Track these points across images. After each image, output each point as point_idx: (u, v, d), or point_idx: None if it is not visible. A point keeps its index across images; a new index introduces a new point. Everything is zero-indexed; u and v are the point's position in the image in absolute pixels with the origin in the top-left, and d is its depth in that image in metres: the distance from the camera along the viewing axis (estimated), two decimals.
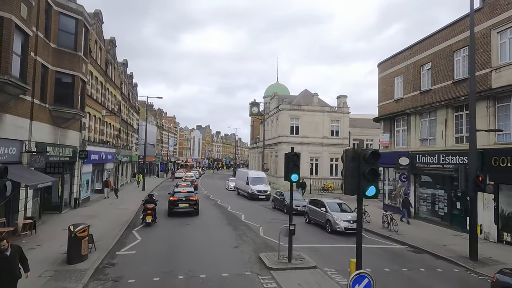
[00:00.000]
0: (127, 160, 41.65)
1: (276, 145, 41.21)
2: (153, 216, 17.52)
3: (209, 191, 37.36)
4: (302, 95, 44.60)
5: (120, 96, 36.30)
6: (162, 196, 30.12)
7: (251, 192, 28.26)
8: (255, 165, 57.85)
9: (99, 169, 30.51)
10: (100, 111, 27.70)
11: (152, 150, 66.31)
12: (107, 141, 30.81)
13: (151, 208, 17.58)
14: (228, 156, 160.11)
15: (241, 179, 31.68)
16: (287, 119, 40.44)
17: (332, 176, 41.14)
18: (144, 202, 18.61)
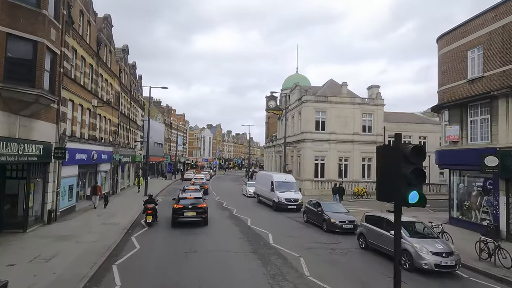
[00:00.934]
0: (129, 161, 36.68)
1: (299, 143, 35.68)
2: (153, 216, 17.91)
3: (222, 196, 32.04)
4: (328, 85, 38.94)
5: (119, 86, 31.32)
6: (166, 203, 25.05)
7: (278, 201, 22.76)
8: (271, 166, 52.38)
9: (92, 171, 25.52)
10: (90, 101, 22.66)
11: (159, 149, 61.52)
12: (101, 138, 25.78)
13: (151, 208, 17.87)
14: (239, 156, 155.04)
15: (263, 183, 26.20)
16: (312, 112, 34.85)
17: (365, 179, 35.38)
18: (144, 202, 18.80)
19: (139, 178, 32.92)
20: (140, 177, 32.71)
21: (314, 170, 34.52)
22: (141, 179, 32.25)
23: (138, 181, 32.73)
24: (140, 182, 32.37)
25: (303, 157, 34.78)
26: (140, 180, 32.42)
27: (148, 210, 17.57)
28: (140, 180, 32.42)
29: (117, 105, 30.62)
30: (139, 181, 32.63)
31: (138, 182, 32.67)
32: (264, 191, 25.86)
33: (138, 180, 32.83)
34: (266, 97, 45.67)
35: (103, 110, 26.15)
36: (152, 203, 18.38)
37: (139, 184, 32.49)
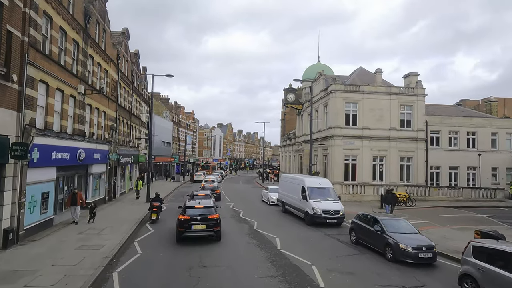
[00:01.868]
0: (130, 161, 32.24)
1: (326, 140, 30.68)
2: (158, 214, 18.82)
3: (238, 203, 27.27)
4: (357, 73, 33.82)
5: (117, 75, 26.85)
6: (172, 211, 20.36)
7: (314, 214, 17.65)
8: (289, 167, 47.44)
9: (82, 173, 21.08)
10: (75, 86, 18.16)
11: (167, 149, 57.21)
12: (92, 133, 21.29)
13: (157, 206, 18.89)
14: (250, 156, 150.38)
15: (290, 189, 21.25)
16: (341, 104, 29.80)
17: (403, 182, 30.17)
18: (151, 200, 19.75)
19: (137, 181, 28.16)
20: (139, 181, 28.03)
21: (344, 172, 29.49)
22: (140, 183, 27.57)
23: (137, 185, 27.75)
24: (139, 186, 27.66)
25: (331, 157, 29.79)
26: (139, 184, 27.71)
27: (154, 208, 18.79)
28: (139, 184, 27.71)
29: (114, 96, 26.15)
30: (138, 185, 27.73)
31: (137, 186, 27.68)
32: (291, 199, 20.95)
33: (137, 183, 27.84)
34: (284, 90, 40.79)
35: (95, 100, 21.65)
36: (158, 201, 19.47)
37: (138, 189, 27.77)
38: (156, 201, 19.32)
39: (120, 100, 28.55)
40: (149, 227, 17.34)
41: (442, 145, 31.22)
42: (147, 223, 18.22)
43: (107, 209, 21.70)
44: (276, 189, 27.24)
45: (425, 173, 30.42)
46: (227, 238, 14.72)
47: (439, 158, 30.78)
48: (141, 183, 27.21)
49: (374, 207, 24.96)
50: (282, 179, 23.60)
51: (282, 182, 23.47)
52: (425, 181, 30.37)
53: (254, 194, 35.48)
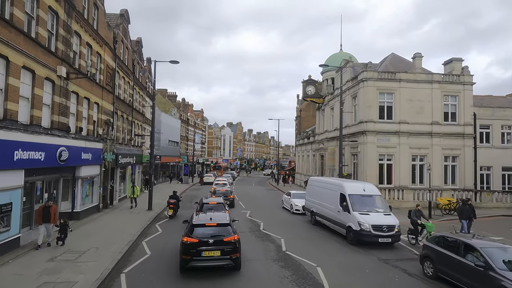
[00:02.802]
0: (132, 162, 28.48)
1: (355, 136, 26.37)
2: (174, 210, 20.01)
3: (255, 210, 23.24)
4: (390, 60, 29.41)
5: (114, 61, 23.07)
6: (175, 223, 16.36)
7: (361, 230, 13.36)
8: (308, 168, 43.20)
9: (68, 177, 17.36)
10: (54, 68, 14.36)
11: (174, 149, 53.53)
12: (79, 128, 17.49)
13: (173, 202, 20.07)
14: (261, 156, 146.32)
15: (323, 196, 17.03)
16: (374, 95, 25.49)
17: (448, 185, 25.72)
18: (169, 197, 20.53)
19: (133, 187, 23.52)
20: (135, 186, 23.50)
21: (379, 174, 25.18)
22: (137, 189, 23.43)
23: (133, 191, 22.91)
24: (135, 192, 22.88)
25: (362, 156, 25.50)
26: (135, 190, 23.01)
27: (171, 205, 19.99)
28: (135, 190, 23.01)
29: (110, 86, 22.38)
30: (134, 191, 22.93)
31: (133, 192, 22.78)
32: (325, 209, 16.77)
33: (133, 189, 23.02)
34: (303, 82, 36.57)
35: (85, 89, 17.86)
36: (175, 198, 20.42)
37: (135, 196, 22.79)
38: (173, 198, 20.51)
39: (119, 92, 24.78)
40: (146, 247, 13.41)
41: (493, 142, 26.67)
42: (143, 241, 14.29)
43: (98, 221, 17.86)
44: (300, 194, 23.10)
45: (474, 175, 25.90)
46: (248, 268, 10.70)
47: (490, 157, 26.24)
48: (138, 189, 23.14)
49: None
50: (311, 184, 19.41)
51: (310, 187, 19.28)
52: (474, 184, 25.86)
53: (270, 198, 31.39)
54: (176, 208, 20.35)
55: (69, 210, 17.61)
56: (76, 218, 17.60)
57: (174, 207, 20.08)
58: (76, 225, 16.35)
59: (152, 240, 14.51)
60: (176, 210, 20.33)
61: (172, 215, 19.84)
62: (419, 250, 13.11)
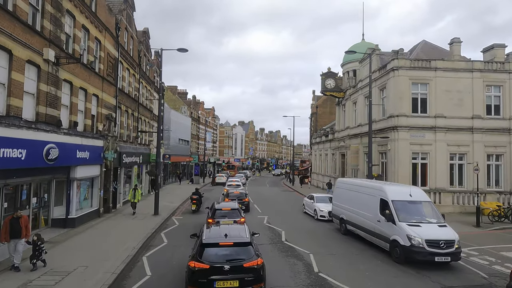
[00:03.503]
0: (138, 161, 26.31)
1: (385, 132, 23.54)
2: (197, 205, 21.54)
3: (272, 215, 20.74)
4: (422, 48, 26.42)
5: (116, 50, 20.85)
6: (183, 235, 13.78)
7: (411, 246, 10.68)
8: (325, 167, 40.42)
9: (61, 178, 15.27)
10: (40, 50, 12.14)
11: (184, 148, 51.45)
12: (74, 122, 15.26)
13: (196, 198, 21.65)
14: (273, 155, 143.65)
15: (356, 202, 14.24)
16: (406, 85, 22.62)
17: (491, 187, 22.69)
18: (192, 194, 22.42)
19: (134, 191, 20.19)
20: (136, 190, 20.21)
21: (412, 175, 22.33)
22: (138, 193, 20.12)
23: (134, 195, 19.88)
24: (136, 196, 19.78)
25: (393, 155, 22.68)
26: (137, 194, 19.89)
27: (193, 200, 21.71)
28: (137, 194, 19.89)
29: (112, 77, 20.16)
30: (135, 195, 19.85)
31: (134, 196, 19.72)
32: (359, 217, 14.10)
33: (134, 193, 19.97)
34: (321, 75, 33.83)
35: (80, 78, 15.63)
36: (197, 195, 22.15)
37: (135, 201, 19.70)
38: (195, 194, 22.14)
39: (122, 85, 22.59)
40: (146, 264, 11.03)
41: None
42: (144, 256, 11.93)
43: (95, 229, 15.60)
44: (324, 198, 20.50)
45: None
46: None
47: None
48: (139, 193, 20.03)
49: (464, 223, 17.79)
50: (340, 186, 16.71)
51: (339, 191, 16.57)
52: None
53: (288, 201, 28.81)
54: (199, 203, 22.00)
55: (62, 217, 15.45)
56: (71, 226, 15.41)
57: (197, 202, 21.74)
58: (68, 235, 14.12)
59: (155, 255, 12.15)
60: (199, 205, 21.94)
61: (196, 210, 21.51)
62: (487, 271, 10.39)
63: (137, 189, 19.93)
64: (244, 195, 22.46)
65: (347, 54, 35.49)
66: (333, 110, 49.53)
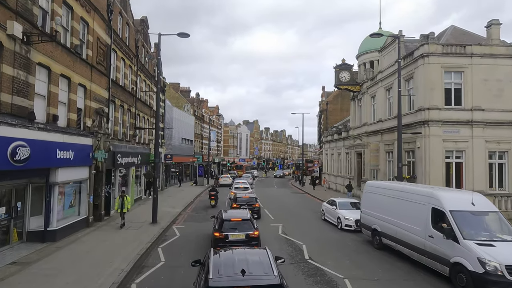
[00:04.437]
0: (136, 162, 23.81)
1: (413, 128, 20.76)
2: (215, 201, 23.86)
3: (286, 223, 18.14)
4: (451, 33, 23.62)
5: (108, 36, 18.31)
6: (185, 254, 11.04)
7: (486, 274, 7.88)
8: (338, 168, 37.70)
9: (38, 183, 12.83)
10: (3, 24, 9.60)
11: (188, 147, 48.98)
12: (53, 116, 12.74)
13: (214, 194, 24.02)
14: (278, 155, 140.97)
15: (395, 210, 11.48)
16: (438, 74, 19.88)
17: None
18: (209, 190, 24.77)
19: (122, 198, 16.23)
20: (125, 197, 16.23)
21: (445, 176, 19.58)
22: (127, 201, 16.17)
23: (122, 203, 15.99)
24: (125, 205, 16.03)
25: (423, 153, 19.94)
26: (125, 202, 16.07)
27: (212, 196, 23.97)
28: (125, 202, 16.07)
29: (103, 65, 17.63)
30: (123, 203, 16.00)
31: (122, 205, 15.96)
32: (399, 229, 11.41)
33: (121, 201, 16.06)
34: (335, 67, 31.10)
35: (60, 62, 13.10)
36: (214, 191, 24.41)
37: (124, 210, 16.07)
38: (213, 191, 24.29)
39: (116, 76, 20.09)
40: None
41: None
42: (133, 283, 9.36)
43: (79, 243, 13.04)
44: (348, 203, 17.81)
45: None
46: None
47: None
48: (128, 200, 16.30)
49: None
50: (370, 190, 14.01)
51: (370, 196, 13.88)
52: None
53: (301, 205, 26.16)
54: (216, 199, 24.12)
55: (41, 229, 12.93)
56: (51, 239, 12.90)
57: (215, 198, 23.97)
58: (45, 252, 11.60)
59: (148, 281, 9.59)
60: (216, 200, 24.12)
61: (214, 205, 23.62)
62: None
63: (125, 196, 16.28)
64: (255, 199, 19.82)
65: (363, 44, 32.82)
66: (345, 107, 46.83)
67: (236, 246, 11.58)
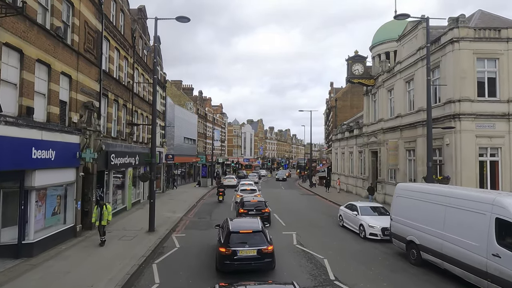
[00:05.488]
0: (133, 163, 21.83)
1: (440, 122, 18.51)
2: (223, 196, 25.97)
3: (301, 231, 16.06)
4: (479, 17, 21.28)
5: (99, 21, 16.29)
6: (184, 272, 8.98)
7: None
8: (351, 168, 35.50)
9: (11, 188, 10.82)
10: None
11: (191, 147, 47.01)
12: (28, 109, 10.73)
13: (222, 190, 26.26)
14: (283, 155, 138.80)
15: (441, 219, 9.26)
16: (470, 61, 17.65)
17: None
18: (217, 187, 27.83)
19: (100, 207, 12.84)
20: (105, 206, 12.90)
21: (479, 176, 17.35)
22: (107, 212, 12.75)
23: (100, 215, 12.69)
24: (105, 217, 12.72)
25: (453, 151, 17.73)
26: (105, 214, 12.70)
27: (220, 192, 26.11)
28: (105, 214, 12.70)
29: (93, 54, 15.62)
30: (101, 214, 12.67)
31: (100, 216, 12.67)
32: (448, 243, 9.23)
33: (100, 212, 12.73)
34: (348, 60, 28.89)
35: (36, 45, 11.09)
36: (223, 188, 27.00)
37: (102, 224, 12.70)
38: (221, 187, 26.89)
39: (109, 67, 18.10)
40: None
41: None
42: None
43: (60, 258, 11.00)
44: (369, 208, 15.62)
45: None
46: None
47: None
48: (109, 210, 12.87)
49: None
50: (402, 194, 11.82)
51: (403, 201, 11.69)
52: None
53: (313, 208, 24.04)
54: (223, 195, 26.12)
55: (14, 242, 10.93)
56: (27, 254, 10.92)
57: (223, 194, 26.11)
58: (16, 272, 9.61)
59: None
60: (224, 196, 26.12)
61: (222, 200, 25.71)
62: None
63: (105, 205, 12.88)
64: (264, 204, 17.70)
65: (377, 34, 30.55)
66: (355, 103, 44.63)
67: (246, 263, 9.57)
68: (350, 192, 34.12)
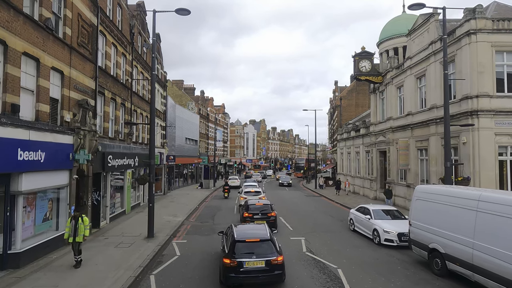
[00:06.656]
0: (132, 164, 20.90)
1: (458, 119, 17.44)
2: (228, 193, 29.57)
3: (309, 236, 15.12)
4: (495, 9, 20.14)
5: (94, 14, 15.37)
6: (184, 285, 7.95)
7: None
8: (358, 168, 34.43)
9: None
10: None
11: (192, 148, 46.10)
12: (11, 104, 9.79)
13: (227, 188, 29.81)
14: (285, 155, 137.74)
15: (472, 226, 8.17)
16: (488, 55, 16.60)
17: None
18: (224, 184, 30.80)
19: (77, 220, 10.30)
20: (81, 218, 10.34)
21: (499, 176, 16.29)
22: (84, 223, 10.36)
23: (75, 228, 10.21)
24: (79, 231, 10.23)
25: (470, 150, 16.68)
26: (80, 228, 10.22)
27: (225, 189, 29.66)
28: (80, 228, 10.22)
29: (87, 49, 14.70)
30: (77, 229, 10.21)
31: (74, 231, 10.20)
32: (481, 253, 8.18)
33: (75, 226, 10.23)
34: (354, 56, 27.88)
35: (23, 37, 10.16)
36: (228, 185, 30.41)
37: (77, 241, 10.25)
38: (227, 185, 30.29)
39: (106, 64, 17.17)
40: None
41: None
42: None
43: (49, 269, 10.03)
44: (381, 212, 14.57)
45: None
46: None
47: None
48: (85, 223, 10.46)
49: None
50: (424, 198, 10.78)
51: (425, 204, 10.65)
52: None
53: (320, 211, 23.02)
54: (229, 192, 29.78)
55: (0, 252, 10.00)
56: (13, 265, 9.99)
57: (228, 191, 29.58)
58: None
59: None
60: (228, 193, 29.62)
61: (227, 196, 29.02)
62: None
63: (81, 218, 10.43)
64: (270, 207, 16.67)
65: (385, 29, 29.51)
66: (360, 102, 43.59)
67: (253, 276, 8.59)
68: (357, 193, 33.07)
